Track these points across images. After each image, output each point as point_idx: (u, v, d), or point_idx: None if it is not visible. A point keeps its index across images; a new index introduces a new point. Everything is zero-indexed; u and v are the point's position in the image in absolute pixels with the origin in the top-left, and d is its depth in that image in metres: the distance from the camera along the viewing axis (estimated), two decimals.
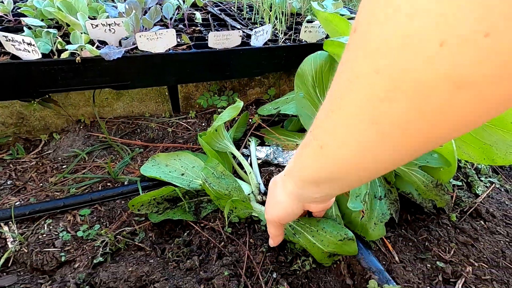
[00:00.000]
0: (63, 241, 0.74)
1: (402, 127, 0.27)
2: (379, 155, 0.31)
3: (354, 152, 0.32)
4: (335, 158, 0.35)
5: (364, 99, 0.27)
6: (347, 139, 0.32)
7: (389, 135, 0.28)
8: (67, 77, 0.86)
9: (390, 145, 0.29)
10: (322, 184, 0.41)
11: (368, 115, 0.28)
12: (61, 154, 0.98)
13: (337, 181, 0.39)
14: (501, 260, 0.75)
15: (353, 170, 0.35)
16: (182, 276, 0.69)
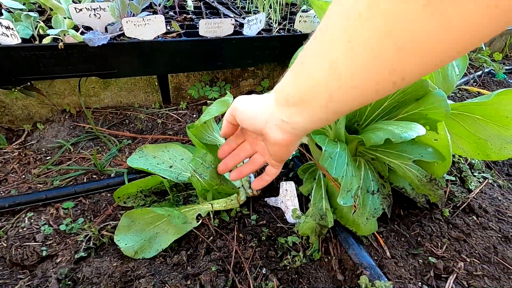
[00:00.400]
0: (44, 235, 0.71)
1: (372, 48, 0.28)
2: (346, 77, 0.31)
3: (325, 70, 0.32)
4: (309, 74, 0.35)
5: (345, 15, 0.28)
6: (322, 56, 0.32)
7: (359, 54, 0.29)
8: (50, 64, 0.82)
9: (358, 66, 0.30)
10: (293, 105, 0.40)
11: (345, 32, 0.29)
12: (45, 145, 0.95)
13: (306, 104, 0.38)
14: (493, 256, 0.75)
15: (321, 91, 0.35)
16: (169, 272, 0.67)
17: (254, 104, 0.48)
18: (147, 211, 0.70)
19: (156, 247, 0.69)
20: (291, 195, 0.81)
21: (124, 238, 0.68)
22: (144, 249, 0.68)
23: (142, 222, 0.70)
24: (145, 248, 0.69)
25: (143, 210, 0.69)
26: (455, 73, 0.74)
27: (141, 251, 0.68)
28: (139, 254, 0.68)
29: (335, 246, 0.75)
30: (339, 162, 0.65)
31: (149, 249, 0.69)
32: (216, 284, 0.62)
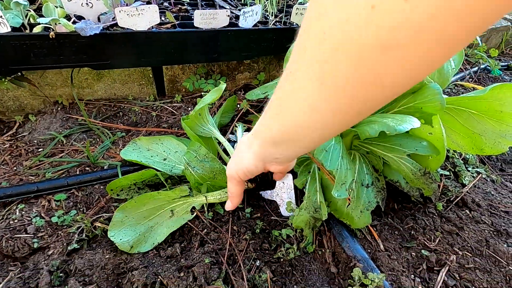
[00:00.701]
0: (36, 227, 0.70)
1: (343, 87, 0.30)
2: (326, 115, 0.34)
3: (305, 112, 0.34)
4: (291, 117, 0.37)
5: (314, 59, 0.29)
6: (300, 99, 0.34)
7: (334, 95, 0.31)
8: (41, 54, 0.80)
9: (335, 105, 0.32)
10: (280, 145, 0.43)
11: (316, 75, 0.30)
12: (37, 137, 0.93)
13: (293, 142, 0.41)
14: (485, 249, 0.75)
15: (305, 130, 0.37)
16: (162, 264, 0.66)
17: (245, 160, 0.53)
18: (141, 202, 0.69)
19: (151, 241, 0.69)
20: (288, 188, 0.81)
21: (119, 233, 0.67)
22: (139, 243, 0.68)
23: (136, 216, 0.70)
24: (140, 242, 0.68)
25: (138, 201, 0.69)
26: (451, 67, 0.74)
27: (137, 245, 0.68)
28: (135, 249, 0.67)
29: (329, 239, 0.75)
30: (334, 155, 0.64)
31: (144, 243, 0.68)
32: (210, 276, 0.61)
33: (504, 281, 0.70)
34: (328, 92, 0.31)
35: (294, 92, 0.35)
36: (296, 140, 0.40)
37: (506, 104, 0.72)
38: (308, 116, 0.35)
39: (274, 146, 0.44)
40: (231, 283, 0.62)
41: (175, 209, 0.72)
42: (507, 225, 0.82)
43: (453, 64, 0.75)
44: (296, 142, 0.41)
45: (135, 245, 0.68)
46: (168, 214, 0.72)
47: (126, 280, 0.64)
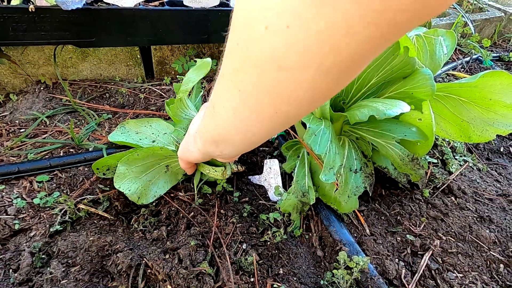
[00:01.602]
0: (17, 208, 0.68)
1: (255, 96, 0.31)
2: (247, 120, 0.35)
3: (231, 115, 0.36)
4: (222, 119, 0.38)
5: (230, 67, 0.31)
6: (225, 103, 0.36)
7: (248, 102, 0.32)
8: (20, 29, 0.76)
9: (252, 112, 0.33)
10: (219, 144, 0.44)
11: (233, 82, 0.32)
12: (19, 117, 0.90)
13: (227, 143, 0.43)
14: (468, 235, 0.77)
15: (236, 132, 0.39)
16: (148, 246, 0.66)
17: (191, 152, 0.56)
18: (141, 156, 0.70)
19: (153, 193, 0.72)
20: (275, 173, 0.81)
21: (124, 184, 0.69)
22: (143, 196, 0.71)
23: (136, 170, 0.70)
24: (143, 194, 0.71)
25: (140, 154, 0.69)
26: (443, 52, 0.73)
27: (142, 197, 0.70)
28: (141, 200, 0.70)
29: (316, 223, 0.75)
30: (323, 139, 0.64)
31: (147, 196, 0.71)
32: (195, 258, 0.61)
33: (485, 265, 0.72)
34: (245, 98, 0.32)
35: (221, 95, 0.36)
36: (229, 141, 0.42)
37: (496, 92, 0.72)
38: (233, 119, 0.36)
39: (214, 144, 0.45)
40: (216, 265, 0.62)
41: (170, 165, 0.73)
42: (490, 212, 0.84)
43: (446, 49, 0.74)
44: (230, 143, 0.42)
45: (141, 197, 0.70)
46: (163, 169, 0.73)
47: (111, 262, 0.63)
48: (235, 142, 0.42)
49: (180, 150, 0.62)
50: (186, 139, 0.60)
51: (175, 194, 0.76)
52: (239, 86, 0.32)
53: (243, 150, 0.48)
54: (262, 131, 0.37)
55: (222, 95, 0.36)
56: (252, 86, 0.30)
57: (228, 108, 0.36)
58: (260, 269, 0.63)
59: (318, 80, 0.27)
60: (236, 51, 0.29)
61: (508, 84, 0.70)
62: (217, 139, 0.44)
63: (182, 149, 0.61)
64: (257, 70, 0.28)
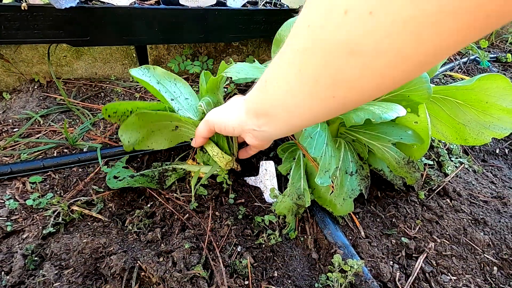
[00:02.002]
0: (9, 210, 0.68)
1: (316, 80, 0.32)
2: (298, 101, 0.37)
3: (282, 93, 0.38)
4: (272, 93, 0.40)
5: (294, 47, 0.33)
6: (280, 81, 0.37)
7: (307, 83, 0.34)
8: (13, 27, 0.75)
9: (306, 93, 0.35)
10: (260, 118, 0.46)
11: (294, 62, 0.34)
12: (12, 116, 0.89)
13: (271, 119, 0.44)
14: (462, 237, 0.77)
15: (282, 110, 0.40)
16: (142, 249, 0.65)
17: (229, 116, 0.54)
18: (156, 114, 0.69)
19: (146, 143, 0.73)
20: (270, 175, 0.80)
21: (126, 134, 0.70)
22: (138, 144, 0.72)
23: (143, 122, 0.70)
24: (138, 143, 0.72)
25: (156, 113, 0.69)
26: None
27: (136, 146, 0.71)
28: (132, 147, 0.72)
29: (312, 226, 0.75)
30: (319, 141, 0.63)
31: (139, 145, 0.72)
32: (189, 261, 0.61)
33: (479, 268, 0.72)
34: (304, 78, 0.33)
35: (277, 72, 0.37)
36: (272, 117, 0.43)
37: (492, 95, 0.72)
38: (283, 97, 0.38)
39: (256, 117, 0.47)
40: (210, 268, 0.61)
41: (180, 127, 0.71)
42: (485, 214, 0.84)
43: None
44: (273, 120, 0.43)
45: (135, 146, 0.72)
46: (172, 127, 0.71)
47: (104, 264, 0.62)
48: (278, 121, 0.43)
49: (216, 113, 0.59)
50: (228, 104, 0.58)
51: (169, 196, 0.76)
52: (300, 66, 0.32)
53: (280, 133, 0.48)
54: (309, 114, 0.38)
55: (278, 72, 0.37)
56: (315, 68, 0.31)
57: (281, 85, 0.37)
58: (255, 272, 0.63)
59: (389, 69, 0.27)
60: (305, 32, 0.30)
61: (504, 88, 0.70)
62: (261, 113, 0.45)
63: (218, 111, 0.59)
64: (326, 53, 0.29)
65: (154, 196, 0.76)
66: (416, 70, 0.28)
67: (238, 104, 0.53)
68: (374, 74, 0.28)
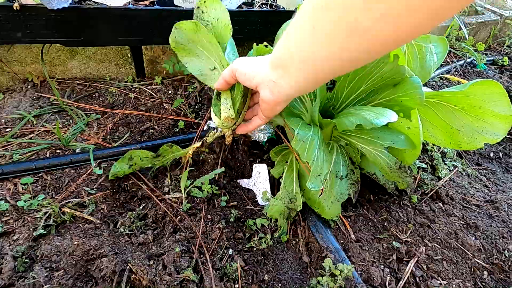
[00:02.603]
0: (0, 211, 0.67)
1: (328, 34, 0.37)
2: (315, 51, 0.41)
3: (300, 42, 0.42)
4: (291, 45, 0.44)
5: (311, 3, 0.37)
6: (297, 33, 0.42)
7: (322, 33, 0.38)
8: (5, 27, 0.74)
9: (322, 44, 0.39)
10: (277, 69, 0.49)
11: (311, 18, 0.38)
12: (5, 116, 0.88)
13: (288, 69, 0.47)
14: (454, 242, 0.78)
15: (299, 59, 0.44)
16: (133, 251, 0.65)
17: (253, 65, 0.55)
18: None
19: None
20: (263, 178, 0.80)
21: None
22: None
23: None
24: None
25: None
26: (433, 60, 0.73)
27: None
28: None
29: (303, 229, 0.75)
30: (311, 146, 0.63)
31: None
32: (180, 264, 0.61)
33: (469, 272, 0.73)
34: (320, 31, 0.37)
35: (296, 25, 0.42)
36: (289, 68, 0.46)
37: (486, 101, 0.72)
38: (301, 47, 0.42)
39: (275, 68, 0.49)
40: (200, 272, 0.61)
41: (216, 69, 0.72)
42: (477, 219, 0.84)
43: (436, 58, 0.74)
44: (289, 70, 0.46)
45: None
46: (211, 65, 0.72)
47: (95, 267, 0.62)
48: (293, 73, 0.46)
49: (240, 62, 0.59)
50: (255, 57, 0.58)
51: (163, 197, 0.76)
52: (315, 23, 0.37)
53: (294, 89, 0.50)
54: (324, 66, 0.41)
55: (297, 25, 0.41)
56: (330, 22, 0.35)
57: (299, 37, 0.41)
58: (245, 275, 0.63)
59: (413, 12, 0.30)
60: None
61: (497, 94, 0.70)
62: (280, 64, 0.48)
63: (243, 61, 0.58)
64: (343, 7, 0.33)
65: (147, 197, 0.76)
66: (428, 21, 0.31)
67: (264, 57, 0.55)
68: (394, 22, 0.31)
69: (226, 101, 0.68)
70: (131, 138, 0.90)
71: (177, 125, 0.95)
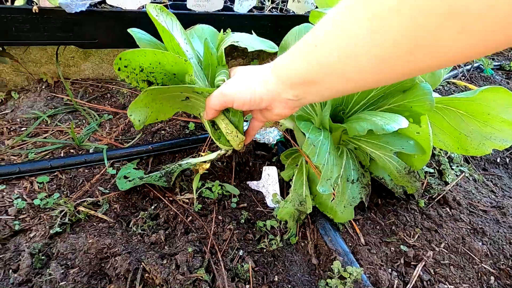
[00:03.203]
0: (17, 209, 0.69)
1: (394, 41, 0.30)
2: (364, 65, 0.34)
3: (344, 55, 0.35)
4: (325, 59, 0.37)
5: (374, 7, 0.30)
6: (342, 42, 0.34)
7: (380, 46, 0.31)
8: (23, 29, 0.76)
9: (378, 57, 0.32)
10: (302, 87, 0.43)
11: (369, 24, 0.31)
12: (20, 115, 0.90)
13: (318, 86, 0.41)
14: (461, 246, 0.78)
15: (338, 75, 0.38)
16: (146, 250, 0.67)
17: (252, 88, 0.48)
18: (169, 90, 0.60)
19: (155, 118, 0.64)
20: (273, 180, 0.82)
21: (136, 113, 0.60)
22: (148, 120, 0.63)
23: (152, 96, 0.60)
24: (148, 118, 0.63)
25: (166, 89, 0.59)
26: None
27: (146, 122, 0.62)
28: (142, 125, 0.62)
29: (312, 232, 0.76)
30: (322, 150, 0.64)
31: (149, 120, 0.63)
32: (192, 264, 0.62)
33: (476, 277, 0.73)
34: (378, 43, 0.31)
35: (336, 34, 0.34)
36: (320, 85, 0.40)
37: (494, 107, 0.73)
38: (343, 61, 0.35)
39: (293, 87, 0.44)
40: (212, 272, 0.63)
41: (191, 98, 0.64)
42: (484, 224, 0.85)
43: None
44: (319, 87, 0.41)
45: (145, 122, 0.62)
46: (182, 98, 0.64)
47: (109, 265, 0.64)
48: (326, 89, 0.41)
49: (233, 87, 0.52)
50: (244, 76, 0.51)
51: (173, 198, 0.77)
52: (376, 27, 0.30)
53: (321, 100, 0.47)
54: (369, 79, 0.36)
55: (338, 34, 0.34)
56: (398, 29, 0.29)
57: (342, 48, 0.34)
58: (256, 276, 0.65)
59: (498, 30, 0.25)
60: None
61: (506, 100, 0.71)
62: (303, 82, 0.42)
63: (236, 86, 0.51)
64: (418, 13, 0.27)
65: (159, 197, 0.77)
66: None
67: (262, 74, 0.48)
68: (472, 38, 0.26)
69: (229, 130, 0.63)
70: (143, 139, 0.91)
71: (187, 127, 0.96)
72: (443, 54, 0.29)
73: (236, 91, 0.50)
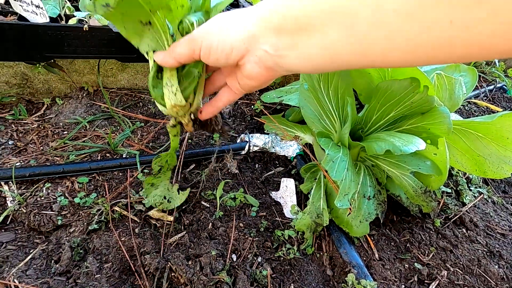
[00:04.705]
0: (60, 206, 0.77)
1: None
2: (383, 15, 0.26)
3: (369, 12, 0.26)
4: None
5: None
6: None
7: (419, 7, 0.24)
8: (73, 44, 0.85)
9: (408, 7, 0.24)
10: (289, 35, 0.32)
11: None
12: (63, 120, 0.99)
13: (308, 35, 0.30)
14: (476, 268, 0.79)
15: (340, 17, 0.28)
16: (173, 251, 0.72)
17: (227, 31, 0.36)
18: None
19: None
20: (290, 192, 0.86)
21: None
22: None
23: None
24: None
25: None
26: (462, 92, 0.76)
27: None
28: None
29: (328, 244, 0.79)
30: (340, 166, 0.68)
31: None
32: (215, 266, 0.67)
33: None
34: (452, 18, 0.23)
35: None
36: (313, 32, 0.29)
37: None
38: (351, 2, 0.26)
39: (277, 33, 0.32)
40: (234, 275, 0.67)
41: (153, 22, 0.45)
42: (501, 247, 0.85)
43: (465, 89, 0.77)
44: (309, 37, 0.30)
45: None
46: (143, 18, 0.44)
47: (139, 262, 0.70)
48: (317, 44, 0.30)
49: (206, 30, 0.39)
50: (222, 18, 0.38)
51: (200, 204, 0.83)
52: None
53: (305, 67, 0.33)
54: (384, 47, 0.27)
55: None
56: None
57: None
58: (273, 282, 0.69)
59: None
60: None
61: None
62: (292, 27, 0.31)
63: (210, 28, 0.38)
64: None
65: (185, 202, 0.83)
66: None
67: (242, 15, 0.35)
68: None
69: (170, 82, 0.48)
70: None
71: (212, 137, 1.02)
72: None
73: (204, 32, 0.38)
